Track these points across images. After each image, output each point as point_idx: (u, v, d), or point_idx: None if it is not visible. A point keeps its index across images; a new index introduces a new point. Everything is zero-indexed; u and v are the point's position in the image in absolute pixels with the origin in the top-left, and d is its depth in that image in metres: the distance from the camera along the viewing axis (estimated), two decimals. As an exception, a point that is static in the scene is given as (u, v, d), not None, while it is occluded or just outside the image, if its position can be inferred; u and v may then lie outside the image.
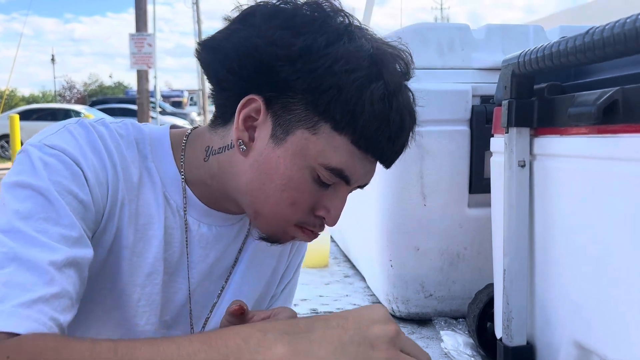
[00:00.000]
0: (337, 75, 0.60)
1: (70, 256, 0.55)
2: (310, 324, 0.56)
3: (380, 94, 0.60)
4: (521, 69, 0.85)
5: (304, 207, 0.66)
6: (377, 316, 0.57)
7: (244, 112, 0.65)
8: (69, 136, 0.64)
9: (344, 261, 2.05)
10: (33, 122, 12.89)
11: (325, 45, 0.60)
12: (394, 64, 0.64)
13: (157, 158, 0.72)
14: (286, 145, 0.64)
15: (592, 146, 0.76)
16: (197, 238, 0.74)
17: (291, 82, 0.61)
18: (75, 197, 0.60)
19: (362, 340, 0.54)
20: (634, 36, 0.61)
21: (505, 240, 0.94)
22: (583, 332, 0.81)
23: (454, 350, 1.18)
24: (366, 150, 0.63)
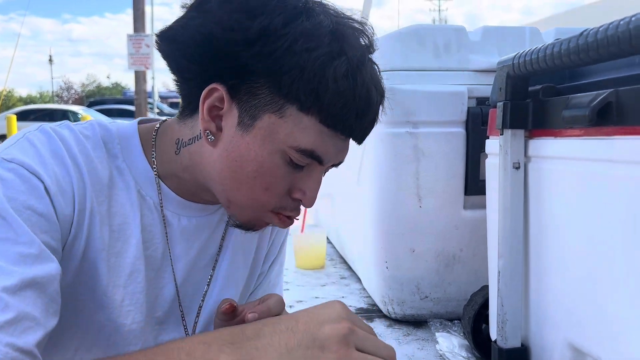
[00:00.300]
0: (297, 55, 0.58)
1: (26, 277, 0.53)
2: (258, 329, 0.56)
3: (344, 70, 0.59)
4: (516, 71, 0.85)
5: (279, 191, 0.66)
6: (329, 315, 0.55)
7: (207, 103, 0.64)
8: (28, 146, 0.62)
9: (340, 263, 2.05)
10: (30, 122, 12.87)
11: (283, 25, 0.59)
12: (356, 38, 0.63)
13: (127, 156, 0.71)
14: (254, 131, 0.63)
15: (586, 148, 0.76)
16: (178, 231, 0.74)
17: (251, 66, 0.60)
18: (35, 212, 0.58)
19: (311, 342, 0.53)
20: (627, 38, 0.61)
21: (500, 242, 0.94)
22: (577, 333, 0.81)
23: (449, 352, 1.18)
24: (335, 129, 0.62)
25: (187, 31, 0.63)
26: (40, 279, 0.55)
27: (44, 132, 0.64)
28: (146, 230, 0.70)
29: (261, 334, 0.56)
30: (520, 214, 0.92)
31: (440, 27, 1.38)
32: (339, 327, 0.54)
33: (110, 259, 0.66)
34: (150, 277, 0.71)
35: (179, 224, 0.73)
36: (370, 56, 0.65)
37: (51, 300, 0.56)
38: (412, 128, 1.30)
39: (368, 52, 0.64)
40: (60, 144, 0.64)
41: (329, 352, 0.53)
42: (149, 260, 0.70)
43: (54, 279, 0.56)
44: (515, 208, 0.91)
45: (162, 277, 0.73)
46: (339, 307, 0.57)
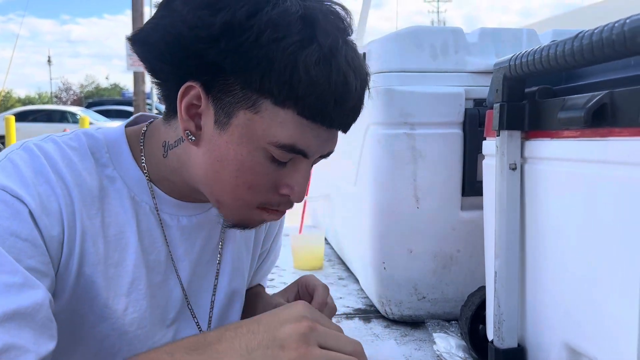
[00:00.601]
0: (265, 47, 0.56)
1: (9, 310, 0.52)
2: (221, 334, 0.56)
3: (315, 58, 0.57)
4: (512, 73, 0.86)
5: (263, 189, 0.64)
6: (290, 315, 0.55)
7: (184, 101, 0.62)
8: (10, 167, 0.60)
9: (338, 263, 2.05)
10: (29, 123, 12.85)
11: (247, 17, 0.57)
12: (329, 22, 0.59)
13: (117, 163, 0.69)
14: (231, 129, 0.61)
15: (582, 149, 0.76)
16: (179, 232, 0.73)
17: (220, 63, 0.58)
18: (19, 237, 0.57)
19: (271, 342, 0.53)
20: (621, 40, 0.62)
21: (497, 242, 0.94)
22: (573, 334, 0.81)
23: (447, 352, 1.18)
24: (314, 120, 0.60)
25: (157, 32, 0.62)
26: (25, 309, 0.54)
27: (27, 150, 0.62)
28: (145, 236, 0.69)
29: (223, 338, 0.56)
30: (517, 214, 0.92)
31: (437, 28, 1.38)
32: (299, 326, 0.55)
33: (108, 271, 0.65)
34: (158, 282, 0.71)
35: (179, 224, 0.73)
36: (348, 38, 0.62)
37: (42, 326, 0.55)
38: (410, 129, 1.30)
39: (344, 35, 0.61)
40: (44, 161, 0.62)
41: (288, 351, 0.53)
42: (153, 265, 0.70)
43: (42, 305, 0.55)
44: (511, 209, 0.92)
45: (170, 279, 0.73)
46: (300, 307, 0.57)
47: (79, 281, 0.64)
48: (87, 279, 0.64)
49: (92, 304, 0.65)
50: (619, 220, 0.70)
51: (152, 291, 0.70)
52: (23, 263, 0.56)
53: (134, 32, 0.65)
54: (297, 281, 0.84)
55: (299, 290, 0.82)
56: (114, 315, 0.66)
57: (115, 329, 0.67)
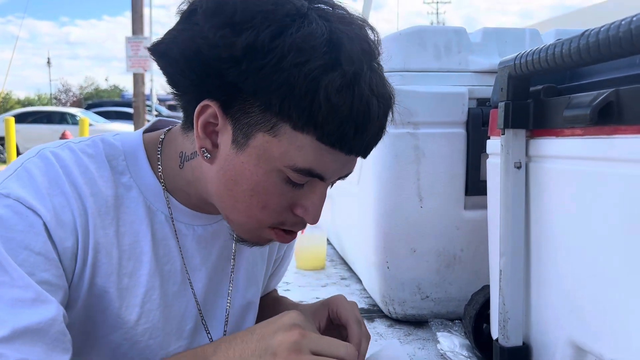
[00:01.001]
0: (286, 71, 0.55)
1: (20, 327, 0.53)
2: (216, 346, 0.57)
3: (338, 84, 0.55)
4: (517, 71, 0.86)
5: (277, 210, 0.63)
6: (282, 323, 0.56)
7: (201, 120, 0.61)
8: (26, 177, 0.60)
9: (341, 263, 2.05)
10: (28, 125, 12.84)
11: (271, 39, 0.55)
12: (355, 46, 0.58)
13: (134, 171, 0.68)
14: (248, 150, 0.60)
15: (587, 147, 0.76)
16: (195, 241, 0.72)
17: (240, 84, 0.57)
18: (32, 251, 0.57)
19: (263, 351, 0.54)
20: (628, 38, 0.62)
21: (501, 241, 0.94)
22: (579, 332, 0.82)
23: (450, 351, 1.19)
24: (333, 146, 0.58)
25: (176, 45, 0.60)
26: (37, 325, 0.54)
27: (43, 158, 0.62)
28: (160, 245, 0.68)
29: (218, 349, 0.57)
30: (522, 213, 0.92)
31: (440, 28, 1.39)
32: (290, 334, 0.55)
33: (122, 281, 0.65)
34: (173, 292, 0.70)
35: (194, 234, 0.71)
36: (373, 63, 0.60)
37: (55, 340, 0.55)
38: (413, 129, 1.31)
39: (370, 59, 0.60)
40: (60, 171, 0.62)
41: (280, 358, 0.54)
42: (168, 276, 0.69)
43: (54, 320, 0.56)
44: (516, 207, 0.92)
45: (187, 289, 0.72)
46: (293, 315, 0.58)
47: (92, 291, 0.63)
48: (99, 289, 0.64)
49: (105, 314, 0.65)
50: (624, 218, 0.70)
51: (166, 301, 0.69)
52: (37, 276, 0.56)
53: (154, 42, 0.64)
54: (328, 304, 0.77)
55: (330, 315, 0.76)
56: (126, 325, 0.66)
57: (127, 338, 0.66)
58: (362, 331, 0.72)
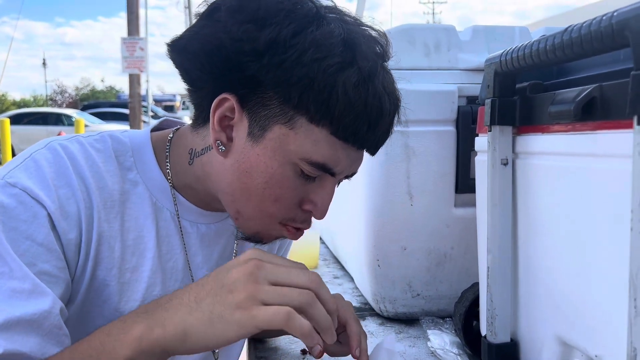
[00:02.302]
0: (306, 66, 0.58)
1: (14, 317, 0.53)
2: (173, 293, 0.57)
3: (355, 80, 0.59)
4: (503, 68, 0.86)
5: (289, 203, 0.65)
6: (237, 260, 0.55)
7: (218, 113, 0.64)
8: (33, 168, 0.61)
9: (333, 262, 2.05)
10: (24, 126, 12.81)
11: (292, 35, 0.59)
12: (369, 47, 0.62)
13: (141, 167, 0.70)
14: (264, 142, 0.62)
15: (572, 143, 0.77)
16: (199, 239, 0.73)
17: (261, 77, 0.60)
18: (35, 242, 0.58)
19: (219, 289, 0.53)
20: (610, 33, 0.62)
21: (489, 238, 0.94)
22: (565, 328, 0.82)
23: (441, 349, 1.19)
24: (346, 140, 0.62)
25: (197, 41, 0.63)
26: (31, 316, 0.55)
27: (52, 150, 0.64)
28: (164, 242, 0.69)
29: (173, 297, 0.56)
30: (509, 209, 0.92)
31: (430, 26, 1.38)
32: (245, 267, 0.54)
33: (124, 275, 0.66)
34: (174, 289, 0.70)
35: (198, 232, 0.73)
36: (385, 64, 0.64)
37: (49, 333, 0.56)
38: (403, 127, 1.30)
39: (382, 60, 0.63)
40: (68, 163, 0.63)
41: (237, 293, 0.53)
42: (170, 273, 0.70)
43: (49, 313, 0.56)
44: (503, 204, 0.92)
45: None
46: (250, 251, 0.57)
47: (92, 284, 0.64)
48: (100, 282, 0.64)
49: (103, 307, 0.65)
50: (608, 213, 0.70)
51: None
52: (37, 267, 0.57)
53: (172, 39, 0.66)
54: None
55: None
56: None
57: None
58: (360, 331, 0.74)
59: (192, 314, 0.53)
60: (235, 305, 0.52)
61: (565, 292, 0.81)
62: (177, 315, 0.53)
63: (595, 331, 0.75)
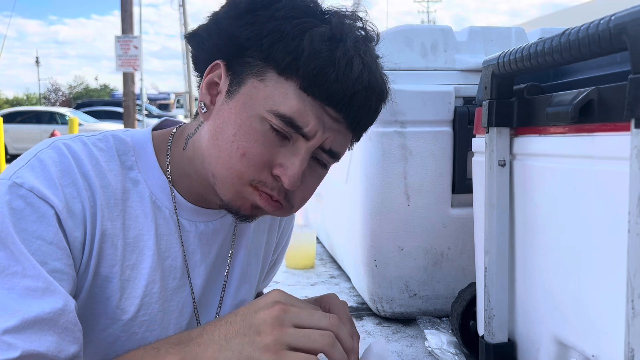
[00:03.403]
0: (279, 20, 0.61)
1: (29, 317, 0.54)
2: (202, 329, 0.59)
3: (324, 36, 0.60)
4: (501, 70, 0.87)
5: (256, 160, 0.64)
6: (264, 302, 0.58)
7: (208, 77, 0.68)
8: (39, 167, 0.62)
9: (330, 262, 2.06)
10: (17, 125, 12.74)
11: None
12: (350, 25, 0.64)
13: (142, 166, 0.71)
14: (237, 97, 0.65)
15: (569, 145, 0.77)
16: (197, 237, 0.74)
17: (239, 35, 0.63)
18: (45, 240, 0.58)
19: (247, 330, 0.56)
20: (607, 37, 0.62)
21: (486, 238, 0.95)
22: (562, 328, 0.82)
23: (438, 348, 1.19)
24: (314, 95, 0.62)
25: (204, 25, 0.68)
26: (47, 315, 0.56)
27: (56, 149, 0.64)
28: (163, 240, 0.70)
29: (204, 332, 0.59)
30: (506, 210, 0.93)
31: (427, 27, 1.39)
32: (272, 310, 0.57)
33: (125, 272, 0.66)
34: (173, 287, 0.71)
35: (196, 230, 0.73)
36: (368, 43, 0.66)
37: (65, 330, 0.57)
38: (400, 127, 1.31)
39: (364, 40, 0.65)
40: (72, 162, 0.64)
41: (265, 335, 0.55)
42: (169, 270, 0.71)
43: (64, 310, 0.57)
44: (501, 205, 0.93)
45: (186, 285, 0.73)
46: (275, 294, 0.60)
47: (96, 281, 0.65)
48: (103, 279, 0.65)
49: (106, 304, 0.66)
50: (605, 215, 0.71)
51: (165, 296, 0.70)
52: (49, 265, 0.58)
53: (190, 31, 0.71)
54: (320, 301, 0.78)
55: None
56: (126, 316, 0.67)
57: (126, 330, 0.67)
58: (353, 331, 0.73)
59: (222, 352, 0.55)
60: (263, 347, 0.54)
61: (562, 293, 0.82)
62: (209, 352, 0.56)
63: (593, 331, 0.75)
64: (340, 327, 0.60)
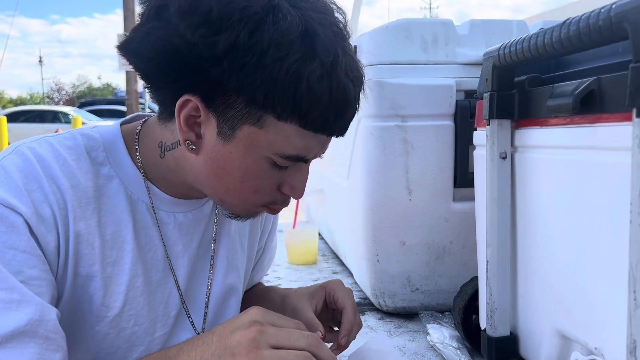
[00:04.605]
0: (268, 68, 0.56)
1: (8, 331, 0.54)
2: (180, 348, 0.60)
3: (318, 74, 0.57)
4: (501, 62, 0.86)
5: (267, 191, 0.67)
6: (241, 322, 0.58)
7: (183, 114, 0.62)
8: (3, 176, 0.60)
9: (333, 258, 2.06)
10: (21, 124, 12.77)
11: (249, 35, 0.56)
12: (328, 33, 0.59)
13: (114, 161, 0.69)
14: (235, 141, 0.62)
15: (571, 136, 0.77)
16: (177, 228, 0.74)
17: (223, 81, 0.58)
18: (17, 250, 0.57)
19: (223, 351, 0.56)
20: (608, 26, 0.62)
21: (488, 231, 0.94)
22: (565, 321, 0.82)
23: (440, 343, 1.19)
24: (315, 132, 0.62)
25: (149, 44, 0.60)
26: (24, 327, 0.54)
27: (20, 155, 0.62)
28: (142, 234, 0.69)
29: (181, 352, 0.59)
30: (508, 203, 0.92)
31: (427, 20, 1.38)
32: (248, 332, 0.57)
33: (106, 270, 0.66)
34: (157, 279, 0.71)
35: (175, 221, 0.73)
36: (346, 45, 0.62)
37: (46, 340, 0.56)
38: (401, 121, 1.30)
39: (342, 42, 0.61)
40: (37, 165, 0.62)
41: (239, 357, 0.55)
42: (151, 263, 0.70)
43: (41, 319, 0.56)
44: (502, 197, 0.92)
45: (169, 277, 0.73)
46: (252, 312, 0.60)
47: (76, 282, 0.64)
48: (84, 278, 0.64)
49: (91, 303, 0.65)
50: (607, 206, 0.70)
51: (150, 289, 0.70)
52: (25, 274, 0.57)
53: (122, 40, 0.63)
54: (325, 287, 0.82)
55: (327, 298, 0.81)
56: (112, 312, 0.67)
57: (113, 326, 0.67)
58: (356, 319, 0.77)
59: None
60: None
61: (564, 285, 0.81)
62: None
63: (595, 324, 0.75)
64: (319, 347, 0.59)
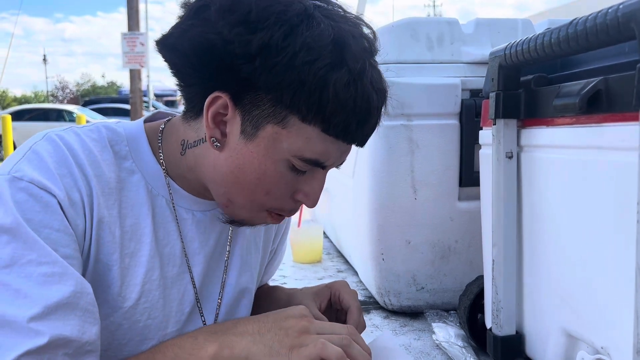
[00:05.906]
0: (298, 69, 0.59)
1: (52, 302, 0.55)
2: (237, 321, 0.65)
3: (345, 81, 0.60)
4: (507, 61, 0.86)
5: (280, 195, 0.68)
6: (294, 312, 0.65)
7: (211, 110, 0.65)
8: (36, 159, 0.62)
9: (337, 256, 2.06)
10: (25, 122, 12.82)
11: (283, 38, 0.59)
12: (357, 45, 0.63)
13: (136, 156, 0.71)
14: (257, 141, 0.64)
15: (577, 136, 0.77)
16: (195, 225, 0.75)
17: (253, 79, 0.61)
18: (52, 228, 0.59)
19: (277, 329, 0.63)
20: (615, 26, 0.62)
21: (494, 230, 0.95)
22: (571, 320, 0.82)
23: (446, 341, 1.19)
24: (337, 137, 0.64)
25: (187, 40, 0.63)
26: (68, 298, 0.57)
27: (50, 141, 0.65)
28: (160, 228, 0.71)
29: (238, 324, 0.65)
30: (514, 202, 0.93)
31: (433, 19, 1.38)
32: (300, 320, 0.64)
33: (124, 260, 0.67)
34: (173, 274, 0.72)
35: (194, 219, 0.74)
36: (373, 60, 0.65)
37: (86, 312, 0.59)
38: (407, 120, 1.31)
39: (370, 57, 0.65)
40: (67, 152, 0.64)
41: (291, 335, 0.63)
42: (168, 258, 0.71)
43: (82, 291, 0.59)
44: (508, 197, 0.92)
45: (186, 272, 0.74)
46: (302, 308, 0.67)
47: (97, 268, 0.66)
48: (103, 266, 0.66)
49: (107, 292, 0.67)
50: (614, 206, 0.70)
51: (165, 283, 0.71)
52: (60, 252, 0.59)
53: (161, 36, 0.66)
54: (330, 287, 0.85)
55: (332, 298, 0.84)
56: (127, 304, 0.68)
57: (127, 317, 0.68)
58: (360, 320, 0.80)
59: (255, 344, 0.62)
60: (289, 345, 0.62)
61: (570, 285, 0.81)
62: (243, 342, 0.62)
63: (601, 323, 0.75)
64: (356, 335, 0.66)
